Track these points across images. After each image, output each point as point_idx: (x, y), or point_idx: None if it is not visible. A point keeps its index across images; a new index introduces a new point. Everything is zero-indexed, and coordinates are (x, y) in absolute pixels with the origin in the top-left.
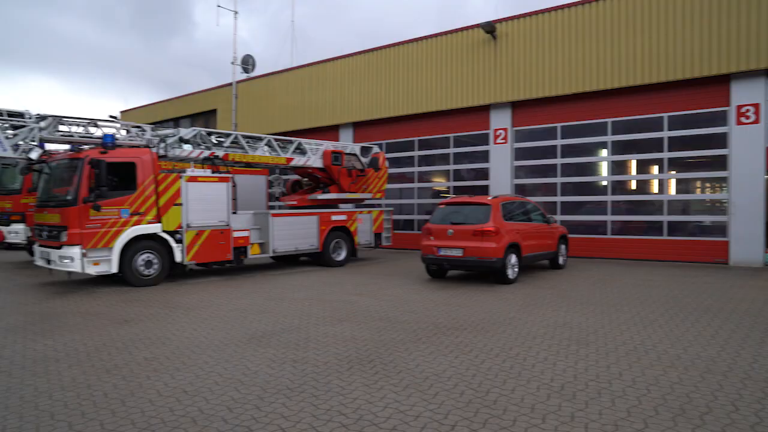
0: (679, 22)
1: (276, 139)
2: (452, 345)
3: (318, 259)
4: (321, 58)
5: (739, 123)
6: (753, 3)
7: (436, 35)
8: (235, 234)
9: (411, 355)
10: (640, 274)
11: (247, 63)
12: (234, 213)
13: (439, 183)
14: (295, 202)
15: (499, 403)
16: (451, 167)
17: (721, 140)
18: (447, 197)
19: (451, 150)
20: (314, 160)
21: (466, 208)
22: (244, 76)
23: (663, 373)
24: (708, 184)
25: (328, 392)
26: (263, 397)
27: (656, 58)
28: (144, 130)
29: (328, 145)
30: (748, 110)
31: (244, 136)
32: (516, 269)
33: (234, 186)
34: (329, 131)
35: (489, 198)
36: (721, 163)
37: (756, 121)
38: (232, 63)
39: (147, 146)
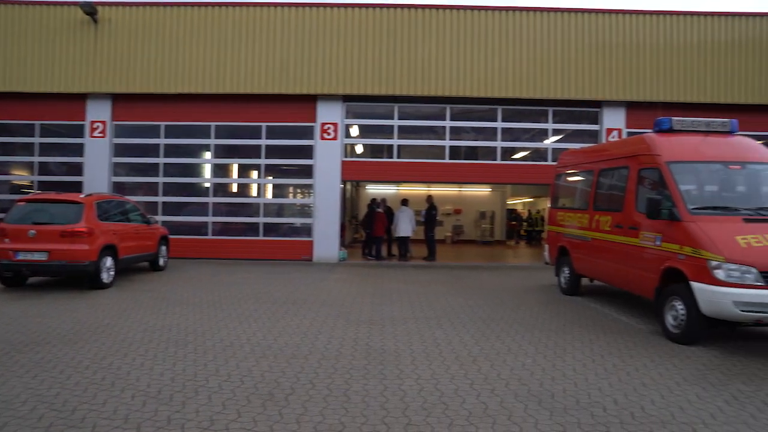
0: (279, 42)
1: None
2: (30, 363)
3: None
4: None
5: (323, 138)
6: (342, 37)
7: (21, 3)
8: None
9: None
10: (238, 273)
11: None
12: None
13: (21, 176)
14: None
15: (87, 420)
16: (37, 159)
17: (308, 152)
18: (30, 193)
19: (37, 139)
20: None
21: (54, 207)
22: None
23: (255, 364)
24: (299, 190)
25: None
26: None
27: (258, 71)
28: None
29: None
30: (329, 128)
31: None
32: (112, 273)
33: None
34: None
35: (82, 196)
36: (308, 171)
37: (335, 138)
38: None
39: None
